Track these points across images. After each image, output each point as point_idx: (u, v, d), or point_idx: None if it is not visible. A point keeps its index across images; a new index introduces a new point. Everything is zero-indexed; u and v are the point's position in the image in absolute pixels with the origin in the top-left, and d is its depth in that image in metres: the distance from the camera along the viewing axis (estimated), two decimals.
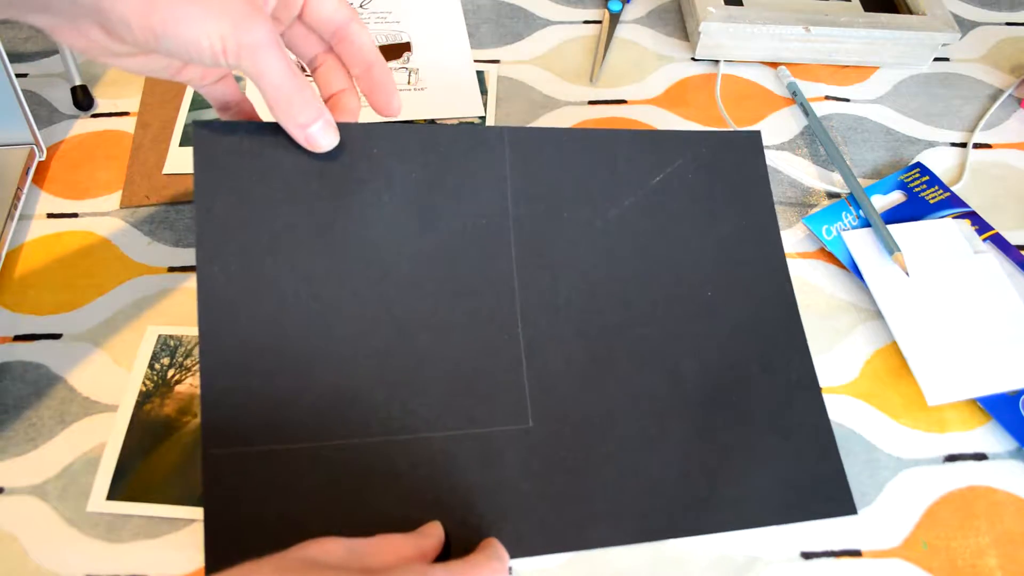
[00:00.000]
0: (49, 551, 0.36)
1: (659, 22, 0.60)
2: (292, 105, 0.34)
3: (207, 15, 0.31)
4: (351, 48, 0.37)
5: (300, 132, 0.36)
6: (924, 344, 0.42)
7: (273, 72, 0.33)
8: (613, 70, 0.57)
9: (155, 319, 0.43)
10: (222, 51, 0.32)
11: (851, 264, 0.45)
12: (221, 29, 0.31)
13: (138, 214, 0.48)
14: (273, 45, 0.33)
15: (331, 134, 0.37)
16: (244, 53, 0.32)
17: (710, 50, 0.57)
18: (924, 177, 0.49)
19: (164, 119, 0.52)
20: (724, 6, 0.55)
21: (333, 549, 0.31)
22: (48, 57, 0.56)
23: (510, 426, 0.37)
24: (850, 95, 0.56)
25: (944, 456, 0.40)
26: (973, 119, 0.55)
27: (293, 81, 0.34)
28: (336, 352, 0.37)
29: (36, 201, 0.48)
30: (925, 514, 0.38)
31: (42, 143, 0.49)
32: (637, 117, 0.54)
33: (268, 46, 0.32)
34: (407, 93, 0.54)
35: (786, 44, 0.56)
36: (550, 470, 0.37)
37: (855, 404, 0.41)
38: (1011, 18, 0.62)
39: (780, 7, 0.56)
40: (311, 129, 0.36)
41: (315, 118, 0.35)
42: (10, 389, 0.40)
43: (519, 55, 0.58)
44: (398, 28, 0.58)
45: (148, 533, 0.36)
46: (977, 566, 0.37)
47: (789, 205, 0.50)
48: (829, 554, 0.37)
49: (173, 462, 0.38)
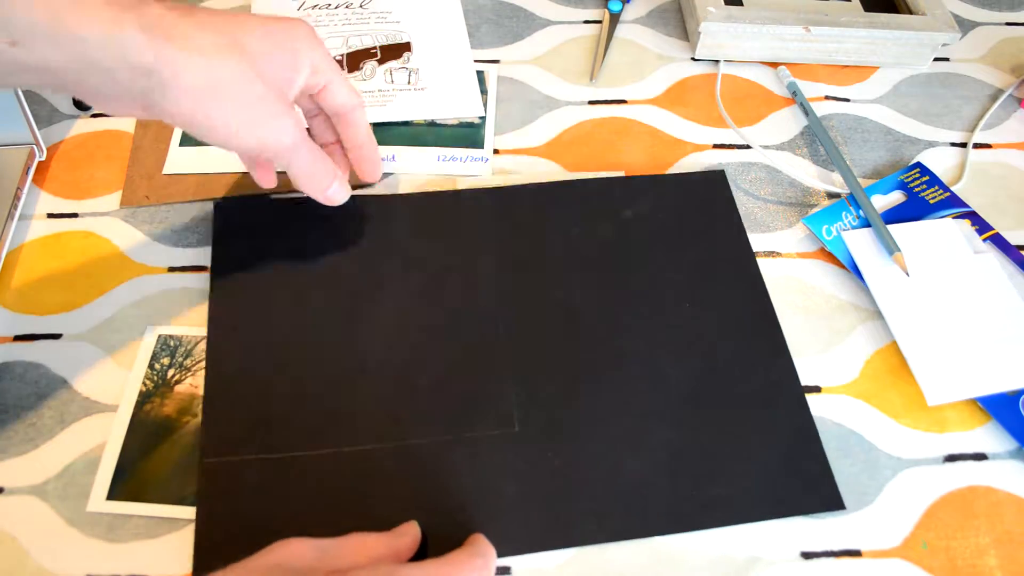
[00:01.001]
0: (49, 551, 0.36)
1: (659, 22, 0.60)
2: (314, 178, 0.42)
3: (242, 125, 0.36)
4: (350, 130, 0.44)
5: (321, 196, 0.43)
6: (924, 344, 0.42)
7: (302, 162, 0.40)
8: (613, 70, 0.57)
9: (155, 319, 0.43)
10: (258, 149, 0.38)
11: (851, 264, 0.45)
12: (257, 134, 0.37)
13: (138, 214, 0.48)
14: (301, 144, 0.39)
15: (345, 190, 0.44)
16: (279, 153, 0.39)
17: (710, 50, 0.57)
18: (924, 177, 0.49)
19: None
20: (724, 6, 0.55)
21: (301, 552, 0.30)
22: None
23: (496, 430, 0.39)
24: (850, 95, 0.56)
25: (944, 456, 0.40)
26: (973, 119, 0.55)
27: (316, 164, 0.41)
28: (328, 370, 0.41)
29: (36, 201, 0.48)
30: (925, 514, 0.38)
31: (42, 143, 0.49)
32: (637, 117, 0.54)
33: (298, 146, 0.39)
34: (407, 93, 0.54)
35: (786, 44, 0.56)
36: (536, 471, 0.38)
37: (855, 404, 0.41)
38: (1011, 18, 0.62)
39: (780, 7, 0.56)
40: (329, 192, 0.43)
41: (332, 182, 0.43)
42: (10, 389, 0.40)
43: (519, 55, 0.58)
44: (398, 28, 0.58)
45: (148, 533, 0.36)
46: (977, 566, 0.37)
47: (789, 205, 0.50)
48: (829, 554, 0.37)
49: (173, 462, 0.38)
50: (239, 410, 0.39)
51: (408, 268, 0.44)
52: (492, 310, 0.43)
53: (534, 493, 0.37)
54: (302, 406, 0.39)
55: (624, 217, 0.47)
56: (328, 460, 0.38)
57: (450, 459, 0.38)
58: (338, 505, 0.37)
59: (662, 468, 0.38)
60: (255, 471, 0.37)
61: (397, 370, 0.41)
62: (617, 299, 0.44)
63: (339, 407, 0.39)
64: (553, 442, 0.39)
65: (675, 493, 0.38)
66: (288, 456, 0.38)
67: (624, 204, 0.47)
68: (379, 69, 0.55)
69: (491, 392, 0.40)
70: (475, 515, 0.36)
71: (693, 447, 0.39)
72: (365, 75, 0.55)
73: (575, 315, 0.43)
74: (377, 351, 0.41)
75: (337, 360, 0.41)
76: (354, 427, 0.39)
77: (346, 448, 0.38)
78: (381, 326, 0.42)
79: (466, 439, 0.39)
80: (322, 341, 0.41)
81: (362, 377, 0.40)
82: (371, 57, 0.56)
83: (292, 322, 0.42)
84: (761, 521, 0.37)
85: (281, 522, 0.36)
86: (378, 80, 0.55)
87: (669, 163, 0.51)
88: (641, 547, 0.37)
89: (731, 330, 0.43)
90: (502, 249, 0.45)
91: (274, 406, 0.39)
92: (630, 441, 0.39)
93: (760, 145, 0.53)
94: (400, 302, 0.43)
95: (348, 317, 0.42)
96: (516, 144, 0.52)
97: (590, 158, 0.51)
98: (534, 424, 0.39)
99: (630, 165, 0.51)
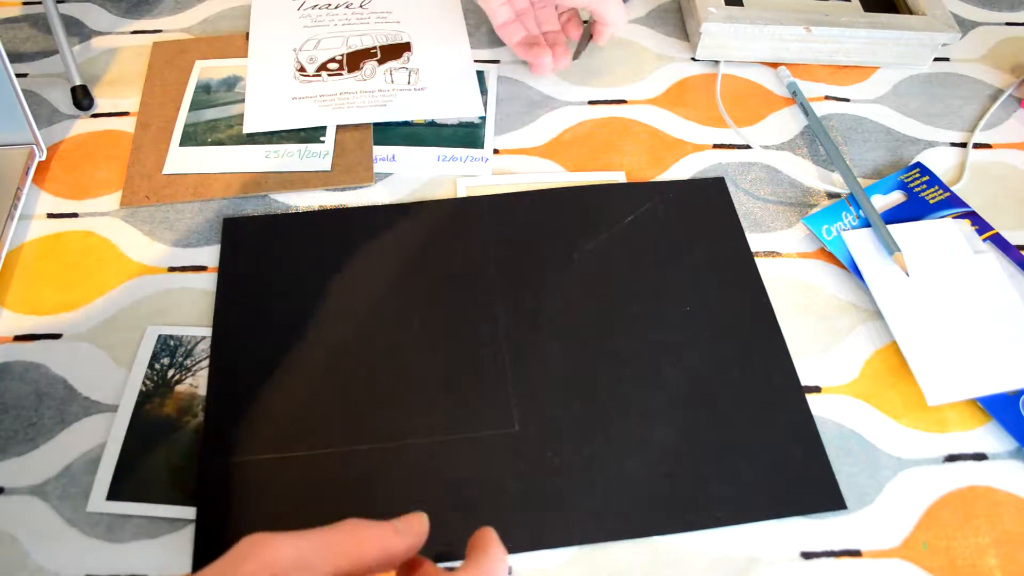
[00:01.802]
0: (49, 551, 0.36)
1: (659, 22, 0.60)
2: None
3: None
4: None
5: None
6: (924, 344, 0.42)
7: None
8: (613, 70, 0.57)
9: (155, 319, 0.43)
10: None
11: (851, 264, 0.45)
12: None
13: (138, 214, 0.48)
14: None
15: None
16: None
17: (711, 50, 0.57)
18: (924, 177, 0.49)
19: (164, 119, 0.52)
20: (725, 6, 0.55)
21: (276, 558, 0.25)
22: (48, 57, 0.56)
23: (497, 431, 0.39)
24: (850, 95, 0.56)
25: (944, 456, 0.40)
26: (973, 119, 0.55)
27: None
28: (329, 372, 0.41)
29: (36, 201, 0.48)
30: (925, 514, 0.38)
31: (42, 143, 0.49)
32: (637, 117, 0.54)
33: None
34: (407, 93, 0.54)
35: (786, 44, 0.56)
36: (537, 471, 0.38)
37: (855, 404, 0.41)
38: (1011, 18, 0.62)
39: (780, 7, 0.56)
40: None
41: None
42: (10, 389, 0.40)
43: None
44: (398, 28, 0.58)
45: (148, 533, 0.36)
46: (977, 566, 0.37)
47: (789, 205, 0.50)
48: (829, 554, 0.37)
49: (173, 462, 0.38)
50: (240, 411, 0.39)
51: (408, 273, 0.44)
52: (492, 313, 0.43)
53: (535, 492, 0.37)
54: (303, 408, 0.39)
55: (624, 222, 0.47)
56: (329, 460, 0.38)
57: (451, 459, 0.38)
58: (339, 505, 0.36)
59: (662, 468, 0.38)
60: (255, 471, 0.37)
61: (398, 371, 0.41)
62: (617, 302, 0.44)
63: (340, 408, 0.39)
64: (553, 442, 0.39)
65: (675, 493, 0.38)
66: (288, 456, 0.38)
67: (624, 209, 0.47)
68: (379, 69, 0.55)
69: (491, 393, 0.40)
70: (477, 515, 0.36)
71: (693, 447, 0.39)
72: (365, 75, 0.55)
73: (575, 318, 0.43)
74: (378, 353, 0.41)
75: (338, 362, 0.41)
76: (355, 428, 0.39)
77: (347, 448, 0.38)
78: (382, 329, 0.42)
79: (467, 440, 0.39)
80: (323, 344, 0.42)
81: (363, 378, 0.40)
82: (371, 57, 0.56)
83: (295, 326, 0.42)
84: (762, 521, 0.37)
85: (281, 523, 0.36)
86: (378, 80, 0.55)
87: (669, 163, 0.51)
88: (642, 547, 0.37)
89: (731, 331, 0.43)
90: (502, 254, 0.45)
91: (276, 407, 0.39)
92: (631, 441, 0.39)
93: (760, 145, 0.53)
94: (401, 305, 0.43)
95: (349, 321, 0.42)
96: (516, 144, 0.52)
97: (590, 158, 0.51)
98: (534, 425, 0.39)
99: (630, 165, 0.51)
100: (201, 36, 0.58)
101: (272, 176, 0.49)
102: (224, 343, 0.42)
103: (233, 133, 0.52)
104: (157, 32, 0.59)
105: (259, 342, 0.42)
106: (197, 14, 0.60)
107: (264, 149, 0.51)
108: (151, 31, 0.59)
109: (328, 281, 0.44)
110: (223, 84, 0.55)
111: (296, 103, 0.53)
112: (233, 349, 0.41)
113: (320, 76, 0.55)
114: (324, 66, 0.55)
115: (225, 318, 0.43)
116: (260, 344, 0.42)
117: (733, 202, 0.49)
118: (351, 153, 0.51)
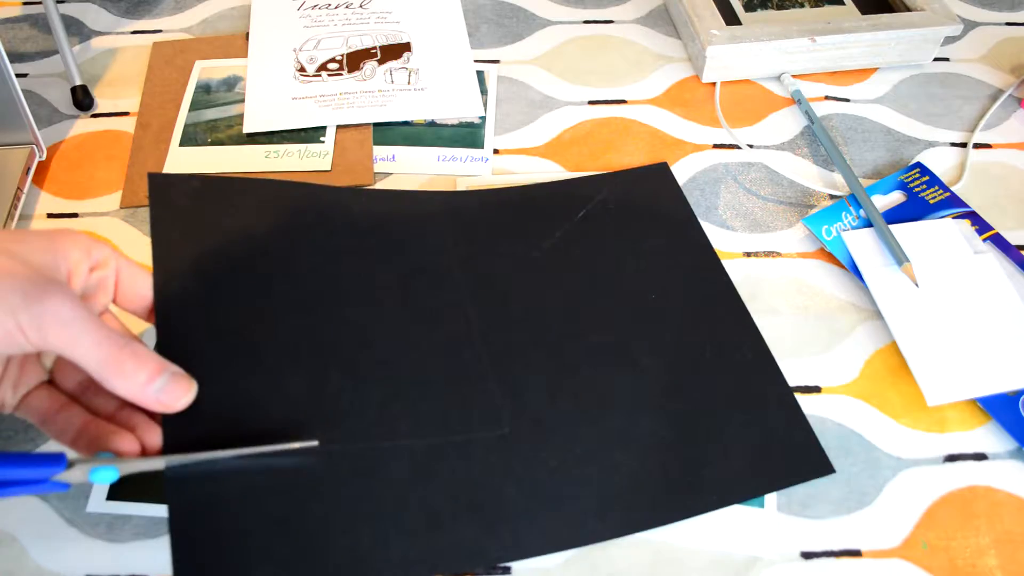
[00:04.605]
0: (49, 551, 0.36)
1: (659, 22, 0.60)
2: (124, 367, 0.29)
3: None
4: None
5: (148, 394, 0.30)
6: (924, 344, 0.42)
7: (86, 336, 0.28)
8: (613, 70, 0.57)
9: None
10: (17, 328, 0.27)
11: (851, 264, 0.45)
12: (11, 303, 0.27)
13: (138, 214, 0.48)
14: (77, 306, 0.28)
15: (182, 386, 0.31)
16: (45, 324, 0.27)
17: (717, 72, 0.56)
18: (924, 177, 0.49)
19: (164, 119, 0.52)
20: (726, 27, 0.55)
21: None
22: (48, 57, 0.57)
23: (488, 432, 0.38)
24: (850, 95, 0.56)
25: (944, 456, 0.40)
26: (973, 119, 0.55)
27: (114, 340, 0.29)
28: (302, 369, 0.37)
29: (36, 201, 0.48)
30: (925, 514, 0.38)
31: (42, 143, 0.49)
32: (637, 117, 0.54)
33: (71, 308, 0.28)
34: (407, 93, 0.54)
35: (792, 57, 0.55)
36: (532, 472, 0.37)
37: (855, 404, 0.41)
38: (1011, 18, 0.62)
39: (778, 20, 0.56)
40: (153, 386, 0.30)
41: (157, 372, 0.30)
42: None
43: (519, 55, 0.58)
44: (398, 28, 0.58)
45: (148, 533, 0.36)
46: (977, 566, 0.37)
47: (789, 205, 0.50)
48: (829, 554, 0.37)
49: None
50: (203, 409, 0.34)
51: (374, 269, 0.42)
52: (464, 314, 0.42)
53: (535, 493, 0.37)
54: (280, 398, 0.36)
55: (576, 219, 0.47)
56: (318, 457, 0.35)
57: (443, 460, 0.37)
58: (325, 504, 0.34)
59: (653, 458, 0.38)
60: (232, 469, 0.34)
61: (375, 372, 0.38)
62: (583, 298, 0.44)
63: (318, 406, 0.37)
64: (544, 442, 0.38)
65: (669, 481, 0.37)
66: None
67: (575, 205, 0.47)
68: (379, 69, 0.55)
69: (476, 396, 0.39)
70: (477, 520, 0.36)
71: (679, 433, 0.39)
72: (365, 75, 0.55)
73: (545, 317, 0.43)
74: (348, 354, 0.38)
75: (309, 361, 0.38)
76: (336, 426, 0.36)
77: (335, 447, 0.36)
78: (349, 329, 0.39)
79: (458, 442, 0.38)
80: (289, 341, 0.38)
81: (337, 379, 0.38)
82: (371, 57, 0.56)
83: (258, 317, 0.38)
84: (758, 496, 0.37)
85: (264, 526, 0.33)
86: (378, 80, 0.55)
87: (669, 163, 0.51)
88: (642, 546, 0.37)
89: (697, 313, 0.43)
90: (465, 252, 0.44)
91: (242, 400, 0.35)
92: (618, 435, 0.39)
93: (761, 145, 0.53)
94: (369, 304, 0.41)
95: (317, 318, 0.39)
96: (516, 144, 0.52)
97: (590, 158, 0.51)
98: (524, 426, 0.39)
99: (630, 165, 0.51)
100: (201, 36, 0.58)
101: (272, 176, 0.49)
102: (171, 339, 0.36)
103: (233, 133, 0.52)
104: (157, 32, 0.59)
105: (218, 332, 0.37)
106: (197, 14, 0.60)
107: (264, 149, 0.51)
108: (151, 31, 0.59)
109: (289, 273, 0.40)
110: (223, 84, 0.55)
111: (296, 103, 0.53)
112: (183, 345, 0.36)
113: (320, 76, 0.55)
114: (324, 66, 0.55)
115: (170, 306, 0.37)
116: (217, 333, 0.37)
117: (679, 184, 0.49)
118: (351, 153, 0.51)
